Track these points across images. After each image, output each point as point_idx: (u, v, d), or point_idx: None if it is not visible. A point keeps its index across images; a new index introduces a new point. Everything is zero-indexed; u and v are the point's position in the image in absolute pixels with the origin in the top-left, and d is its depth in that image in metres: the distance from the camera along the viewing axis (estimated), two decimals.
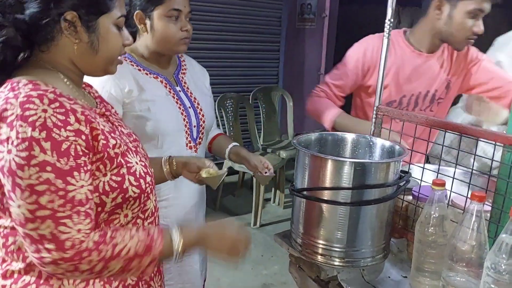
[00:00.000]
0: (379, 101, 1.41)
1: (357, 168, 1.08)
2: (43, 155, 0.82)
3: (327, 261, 1.16)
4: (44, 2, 0.89)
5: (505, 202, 1.06)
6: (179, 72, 1.62)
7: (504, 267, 0.90)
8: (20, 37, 0.90)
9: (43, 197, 0.82)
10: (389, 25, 1.35)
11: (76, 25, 0.92)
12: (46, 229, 0.83)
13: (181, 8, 1.45)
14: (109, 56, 1.00)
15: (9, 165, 0.82)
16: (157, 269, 1.13)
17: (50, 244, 0.84)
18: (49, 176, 0.83)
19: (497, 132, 1.08)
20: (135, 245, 0.92)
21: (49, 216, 0.83)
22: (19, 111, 0.82)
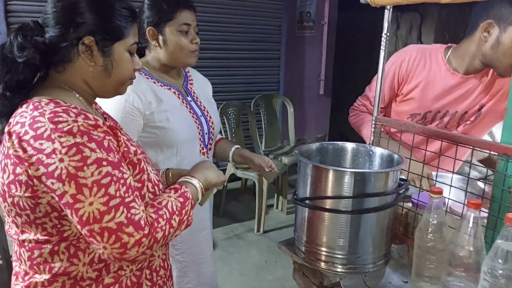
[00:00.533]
0: (377, 112, 1.45)
1: (357, 178, 1.12)
2: (94, 153, 0.88)
3: (330, 268, 1.19)
4: (64, 26, 0.95)
5: (500, 208, 1.10)
6: (187, 83, 1.69)
7: (500, 271, 0.94)
8: (39, 58, 0.95)
9: (110, 187, 0.88)
10: (386, 39, 1.39)
11: (92, 49, 0.98)
12: (121, 216, 0.89)
13: (190, 22, 1.53)
14: (121, 80, 1.06)
15: (67, 171, 0.86)
16: (169, 273, 1.18)
17: (128, 228, 0.89)
18: (107, 169, 0.89)
19: (490, 141, 1.12)
20: (174, 199, 1.03)
21: (120, 203, 0.89)
22: (52, 126, 0.87)
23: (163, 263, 1.15)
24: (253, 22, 4.73)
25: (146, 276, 1.09)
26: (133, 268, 1.05)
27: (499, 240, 0.95)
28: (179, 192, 1.07)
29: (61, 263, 0.95)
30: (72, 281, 0.97)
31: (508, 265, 0.93)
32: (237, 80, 4.79)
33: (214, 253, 3.32)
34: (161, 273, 1.13)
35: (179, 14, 1.51)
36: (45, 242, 0.95)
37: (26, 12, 3.48)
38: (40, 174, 0.87)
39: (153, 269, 1.11)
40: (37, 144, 0.86)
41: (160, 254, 1.13)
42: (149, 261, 1.09)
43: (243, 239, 3.70)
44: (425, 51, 1.77)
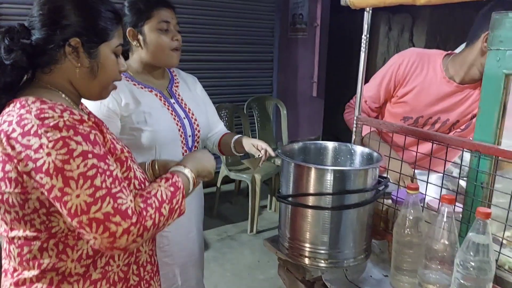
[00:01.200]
0: (358, 111, 1.49)
1: (336, 175, 1.16)
2: (80, 146, 0.90)
3: (312, 263, 1.23)
4: (50, 29, 0.98)
5: (473, 203, 1.14)
6: (172, 85, 1.70)
7: (472, 263, 0.97)
8: (26, 59, 0.98)
9: (96, 179, 0.90)
10: (366, 40, 1.43)
11: (78, 50, 1.01)
12: (108, 206, 0.90)
13: (169, 19, 1.55)
14: (106, 81, 1.09)
15: (54, 165, 0.88)
16: (156, 268, 1.21)
17: (115, 218, 0.91)
18: (93, 161, 0.91)
19: (464, 139, 1.16)
20: (164, 188, 1.04)
21: (106, 194, 0.91)
22: (38, 122, 0.90)
23: (150, 258, 1.17)
24: (246, 24, 4.77)
25: (133, 271, 1.11)
26: (120, 263, 1.07)
27: (470, 233, 0.99)
28: (170, 181, 1.08)
29: (50, 259, 0.98)
30: (60, 277, 1.00)
31: (479, 257, 0.97)
32: (230, 82, 4.82)
33: (207, 254, 3.37)
34: (148, 268, 1.16)
35: (156, 12, 1.53)
36: (34, 238, 0.97)
37: (17, 15, 3.51)
38: (29, 170, 0.89)
39: (140, 264, 1.13)
40: (25, 141, 0.89)
41: (147, 250, 1.16)
42: (136, 256, 1.12)
43: (236, 240, 3.74)
44: (424, 56, 1.78)
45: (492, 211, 0.97)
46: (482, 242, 0.97)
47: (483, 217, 0.96)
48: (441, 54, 1.79)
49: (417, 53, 1.80)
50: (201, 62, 4.48)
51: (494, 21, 1.11)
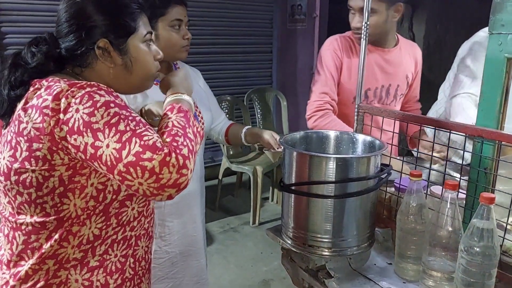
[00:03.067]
0: (360, 99, 1.49)
1: (339, 163, 1.15)
2: (103, 98, 0.91)
3: (316, 252, 1.23)
4: (76, 34, 0.99)
5: (477, 189, 1.14)
6: None
7: (477, 249, 0.97)
8: (52, 64, 0.99)
9: (120, 125, 0.90)
10: (366, 27, 1.42)
11: (109, 50, 1.01)
12: (136, 145, 0.88)
13: (181, 18, 1.56)
14: (144, 74, 1.08)
15: (83, 121, 0.89)
16: (148, 266, 1.20)
17: (146, 154, 0.87)
18: (115, 110, 0.91)
19: (467, 124, 1.16)
20: (175, 117, 1.00)
21: (132, 135, 0.89)
22: (66, 86, 0.91)
23: (145, 254, 1.17)
24: (245, 16, 4.75)
25: (130, 264, 1.11)
26: (118, 253, 1.08)
27: (474, 219, 0.99)
28: (175, 109, 1.02)
29: (52, 248, 0.98)
30: (57, 266, 1.00)
31: (483, 242, 0.97)
32: (229, 74, 4.81)
33: (210, 246, 3.38)
34: (142, 264, 1.16)
35: (171, 9, 1.53)
36: (42, 227, 0.97)
37: (17, 10, 3.50)
38: (65, 135, 0.90)
39: (136, 259, 1.13)
40: (54, 105, 0.90)
41: (143, 245, 1.15)
42: (134, 249, 1.12)
43: (239, 232, 3.75)
44: (345, 37, 1.94)
45: (495, 197, 0.97)
46: (486, 227, 0.97)
47: (487, 202, 0.96)
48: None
49: (339, 37, 1.95)
50: (201, 55, 4.47)
51: (495, 5, 1.10)
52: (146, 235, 1.16)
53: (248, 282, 3.03)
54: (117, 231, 1.06)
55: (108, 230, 1.04)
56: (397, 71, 1.94)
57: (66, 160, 0.93)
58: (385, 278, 1.23)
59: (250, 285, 3.00)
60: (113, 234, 1.05)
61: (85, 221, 0.99)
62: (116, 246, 1.07)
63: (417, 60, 2.04)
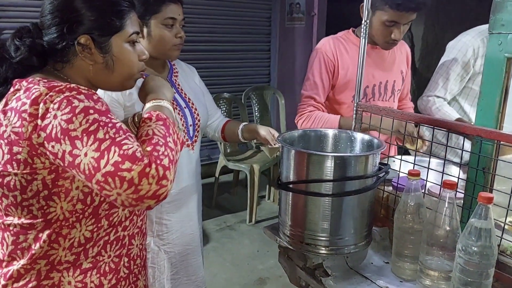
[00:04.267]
0: (358, 98, 1.48)
1: (337, 162, 1.15)
2: (82, 103, 0.88)
3: (313, 250, 1.23)
4: (59, 27, 0.96)
5: (475, 189, 1.14)
6: (172, 75, 1.69)
7: (474, 248, 0.97)
8: (36, 58, 0.97)
9: (98, 133, 0.87)
10: (366, 26, 1.42)
11: (90, 47, 0.98)
12: (115, 155, 0.86)
13: (176, 16, 1.53)
14: (125, 74, 1.05)
15: (60, 128, 0.86)
16: (143, 263, 1.19)
17: (125, 164, 0.85)
18: (94, 116, 0.88)
19: (466, 124, 1.15)
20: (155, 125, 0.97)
21: (111, 143, 0.87)
22: (45, 90, 0.88)
23: (140, 252, 1.16)
24: (243, 14, 4.75)
25: (124, 263, 1.10)
26: (112, 254, 1.06)
27: (472, 218, 0.99)
28: (154, 117, 1.00)
29: (42, 249, 0.97)
30: (49, 266, 0.99)
31: (481, 242, 0.97)
32: (227, 72, 4.80)
33: (207, 244, 3.38)
34: (137, 262, 1.15)
35: (165, 7, 1.51)
36: (30, 227, 0.96)
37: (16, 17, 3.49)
38: (42, 141, 0.88)
39: (131, 257, 1.12)
40: (32, 110, 0.88)
41: (138, 244, 1.15)
42: (128, 249, 1.11)
43: (235, 230, 3.74)
44: (337, 38, 1.95)
45: (494, 197, 0.97)
46: (484, 227, 0.97)
47: (485, 202, 0.96)
48: (348, 31, 1.97)
49: (330, 38, 1.96)
50: (199, 52, 4.46)
51: (495, 5, 1.10)
52: (140, 233, 1.15)
53: (244, 280, 3.02)
54: (109, 232, 1.05)
55: (99, 232, 1.03)
56: (392, 67, 1.96)
57: (47, 164, 0.91)
58: (382, 277, 1.23)
59: (246, 283, 3.00)
60: (105, 236, 1.04)
61: (75, 224, 0.97)
62: (109, 247, 1.06)
63: (407, 55, 2.06)
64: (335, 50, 1.90)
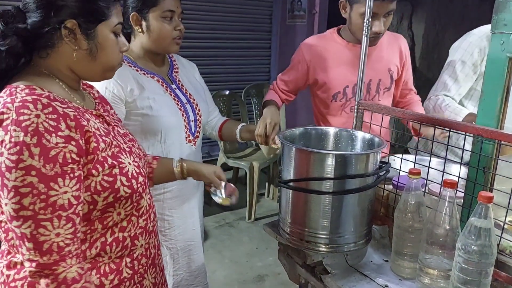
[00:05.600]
0: (359, 96, 1.48)
1: (338, 160, 1.15)
2: (31, 159, 0.87)
3: (313, 247, 1.23)
4: (45, 11, 0.94)
5: (475, 188, 1.14)
6: (172, 71, 1.70)
7: (474, 247, 0.98)
8: (21, 44, 0.95)
9: (26, 198, 0.87)
10: (368, 24, 1.42)
11: (75, 32, 0.97)
12: (27, 229, 0.88)
13: (174, 9, 1.54)
14: (107, 63, 1.05)
15: (0, 167, 0.87)
16: (151, 261, 1.18)
17: (29, 243, 0.89)
18: (32, 180, 0.87)
19: (467, 123, 1.15)
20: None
21: (30, 217, 0.88)
22: (14, 116, 0.87)
23: (145, 251, 1.14)
24: (244, 11, 4.74)
25: (127, 264, 1.09)
26: (112, 255, 1.05)
27: (472, 217, 0.99)
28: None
29: None
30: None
31: (481, 241, 0.97)
32: (227, 69, 4.80)
33: (206, 241, 3.37)
34: (142, 261, 1.13)
35: (163, 0, 1.51)
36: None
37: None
38: None
39: (134, 258, 1.11)
40: None
41: (143, 244, 1.13)
42: (131, 249, 1.09)
43: (235, 227, 3.75)
44: (321, 37, 1.99)
45: (494, 196, 0.97)
46: (484, 226, 0.97)
47: (485, 201, 0.96)
48: (334, 30, 1.99)
49: (315, 37, 2.01)
50: (199, 49, 4.45)
51: (498, 4, 1.10)
52: (145, 232, 1.13)
53: (243, 277, 3.03)
54: (104, 233, 1.04)
55: (93, 234, 1.02)
56: (377, 66, 1.92)
57: None
58: (382, 275, 1.23)
59: (245, 280, 3.01)
60: (100, 237, 1.03)
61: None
62: (109, 248, 1.04)
63: (402, 51, 2.01)
64: (316, 49, 1.93)
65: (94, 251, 1.02)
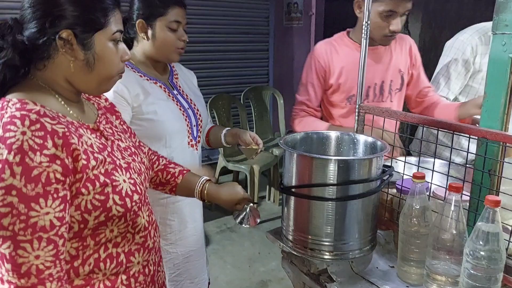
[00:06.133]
0: (360, 100, 1.47)
1: (340, 165, 1.13)
2: (12, 179, 0.83)
3: (317, 255, 1.21)
4: (41, 21, 0.92)
5: (481, 191, 1.12)
6: (172, 77, 1.71)
7: (482, 253, 0.96)
8: (18, 57, 0.92)
9: (5, 218, 0.83)
10: (366, 26, 1.40)
11: (72, 42, 0.94)
12: (6, 250, 0.84)
13: (180, 20, 1.56)
14: (105, 73, 1.01)
15: None
16: (150, 279, 1.13)
17: (8, 264, 0.85)
18: (12, 199, 0.83)
19: (470, 126, 1.14)
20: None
21: (10, 237, 0.84)
22: (1, 132, 0.84)
23: (143, 269, 1.10)
24: (241, 14, 4.73)
25: (123, 281, 1.05)
26: (107, 272, 1.02)
27: (480, 222, 0.97)
28: None
29: None
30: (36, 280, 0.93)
31: (489, 246, 0.95)
32: (225, 73, 4.78)
33: (207, 247, 3.35)
34: (140, 279, 1.09)
35: (170, 10, 1.53)
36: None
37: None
38: None
39: (130, 275, 1.06)
40: None
41: (140, 261, 1.09)
42: (126, 266, 1.05)
43: (236, 232, 3.72)
44: (331, 41, 1.98)
45: (501, 200, 0.95)
46: (492, 231, 0.95)
47: (492, 205, 0.94)
48: (343, 33, 1.96)
49: (323, 43, 1.97)
50: (197, 53, 4.43)
51: (499, 5, 1.08)
52: (143, 249, 1.09)
53: (246, 283, 3.01)
54: (97, 250, 1.00)
55: (85, 250, 0.98)
56: (387, 67, 1.92)
57: None
58: (388, 282, 1.21)
59: (247, 286, 2.98)
60: (93, 253, 0.99)
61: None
62: (103, 265, 1.00)
63: (412, 51, 2.01)
64: (327, 55, 1.91)
65: (88, 268, 0.99)
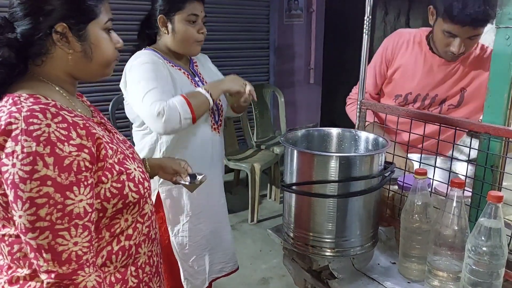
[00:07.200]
0: (362, 95, 1.46)
1: (342, 162, 1.12)
2: (45, 169, 0.85)
3: (318, 252, 1.21)
4: (34, 17, 0.92)
5: (483, 187, 1.11)
6: (193, 65, 1.81)
7: (484, 248, 0.95)
8: (14, 55, 0.92)
9: (42, 209, 0.86)
10: (368, 22, 1.39)
11: (67, 35, 0.95)
12: (44, 240, 0.87)
13: (198, 13, 1.65)
14: (104, 61, 1.03)
15: (13, 178, 0.85)
16: (155, 270, 1.16)
17: (47, 254, 0.88)
18: (48, 190, 0.86)
19: (472, 121, 1.13)
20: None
21: (48, 227, 0.87)
22: (24, 126, 0.85)
23: (148, 259, 1.13)
24: (241, 11, 4.71)
25: (132, 273, 1.07)
26: (118, 265, 1.04)
27: (482, 217, 0.96)
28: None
29: None
30: None
31: (491, 242, 0.95)
32: (226, 70, 4.73)
33: None
34: (146, 269, 1.12)
35: (188, 4, 1.62)
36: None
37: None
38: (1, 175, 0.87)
39: (138, 266, 1.09)
40: (1, 140, 0.85)
41: (146, 251, 1.11)
42: (134, 257, 1.08)
43: (238, 230, 3.72)
44: (410, 35, 1.82)
45: (503, 195, 0.94)
46: (494, 226, 0.95)
47: (494, 201, 0.94)
48: (426, 31, 1.80)
49: (402, 33, 1.86)
50: None
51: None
52: (148, 240, 1.12)
53: (247, 280, 3.00)
54: (110, 242, 1.02)
55: (100, 242, 1.00)
56: (448, 84, 1.77)
57: None
58: (389, 278, 1.21)
59: (249, 283, 2.98)
60: (107, 246, 1.02)
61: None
62: (115, 257, 1.03)
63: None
64: (399, 44, 1.81)
65: (100, 261, 1.00)
